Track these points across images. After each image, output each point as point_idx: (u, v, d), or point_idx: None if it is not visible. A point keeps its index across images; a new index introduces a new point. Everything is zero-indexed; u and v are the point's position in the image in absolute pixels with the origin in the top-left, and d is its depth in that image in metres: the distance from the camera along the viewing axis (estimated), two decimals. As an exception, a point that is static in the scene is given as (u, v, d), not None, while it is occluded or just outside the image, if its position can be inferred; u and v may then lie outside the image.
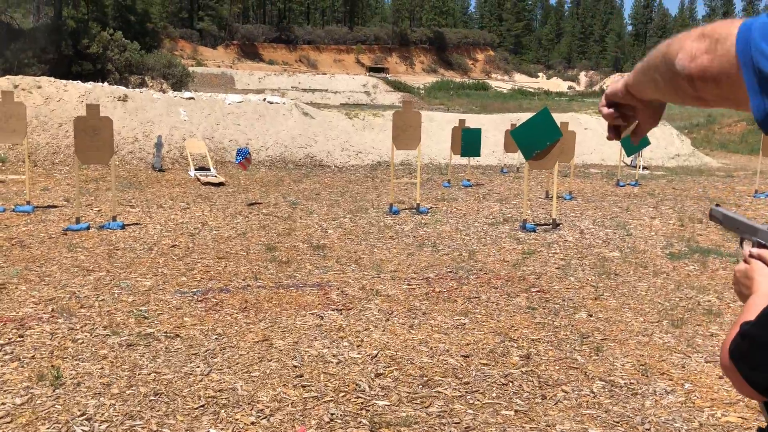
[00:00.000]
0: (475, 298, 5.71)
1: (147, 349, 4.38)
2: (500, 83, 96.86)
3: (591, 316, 5.26)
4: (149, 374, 3.97)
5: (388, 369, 4.10)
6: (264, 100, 18.13)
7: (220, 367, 4.10)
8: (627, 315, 5.30)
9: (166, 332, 4.71)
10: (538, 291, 5.96)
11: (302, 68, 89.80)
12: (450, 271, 6.63)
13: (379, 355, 4.33)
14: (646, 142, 14.53)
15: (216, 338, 4.61)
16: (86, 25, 34.74)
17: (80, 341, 4.49)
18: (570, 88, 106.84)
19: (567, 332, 4.85)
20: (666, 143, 21.81)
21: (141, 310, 5.17)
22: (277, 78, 70.24)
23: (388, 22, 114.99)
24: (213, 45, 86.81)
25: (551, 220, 9.29)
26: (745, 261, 1.25)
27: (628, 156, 16.72)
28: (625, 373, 4.09)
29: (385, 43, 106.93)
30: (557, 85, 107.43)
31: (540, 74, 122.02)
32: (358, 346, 4.49)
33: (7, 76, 16.38)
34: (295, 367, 4.11)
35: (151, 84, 29.31)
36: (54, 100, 15.05)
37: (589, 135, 21.24)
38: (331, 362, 4.20)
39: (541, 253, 7.55)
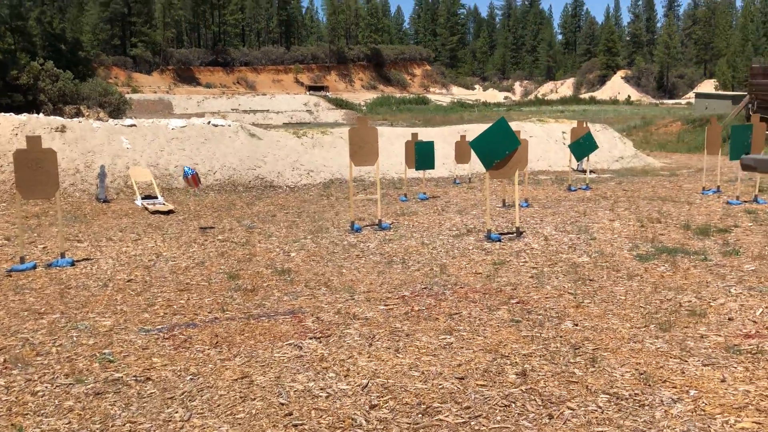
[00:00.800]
0: (456, 314, 5.52)
1: (117, 396, 4.03)
2: (439, 96, 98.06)
3: (577, 325, 5.13)
4: (124, 425, 3.63)
5: (382, 399, 3.86)
6: (209, 123, 17.69)
7: (200, 411, 3.79)
8: (613, 321, 5.19)
9: (135, 376, 4.36)
10: (517, 302, 5.81)
11: (241, 90, 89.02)
12: (425, 288, 6.43)
13: (369, 384, 4.09)
14: (594, 146, 14.70)
15: (191, 378, 4.29)
16: (14, 56, 33.52)
17: (41, 394, 4.11)
18: (506, 98, 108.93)
19: (557, 344, 4.70)
20: (609, 146, 22.22)
21: (105, 354, 4.80)
22: (216, 101, 69.37)
23: (325, 41, 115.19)
24: (148, 71, 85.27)
25: (514, 229, 9.21)
26: None
27: (578, 161, 16.91)
28: (627, 384, 3.95)
29: (323, 62, 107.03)
30: (494, 95, 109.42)
31: (476, 86, 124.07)
32: (345, 376, 4.23)
33: (-66, 112, 15.54)
34: (282, 404, 3.83)
35: (87, 113, 28.40)
36: (-14, 135, 14.32)
37: (534, 142, 21.46)
38: (320, 396, 3.93)
39: (512, 263, 7.43)
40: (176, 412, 3.77)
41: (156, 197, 13.44)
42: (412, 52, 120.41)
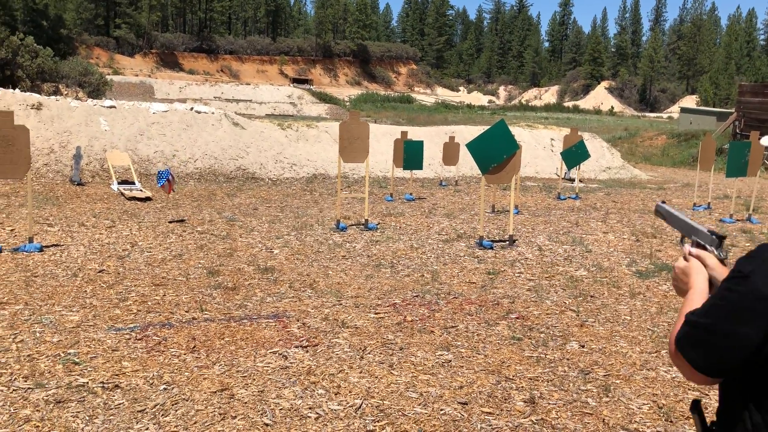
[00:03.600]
0: (452, 327, 5.16)
1: (81, 406, 3.60)
2: (423, 96, 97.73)
3: (583, 346, 4.79)
4: (86, 442, 3.22)
5: (377, 424, 3.47)
6: (191, 109, 17.16)
7: (174, 428, 3.38)
8: (621, 345, 4.85)
9: (102, 382, 3.93)
10: (517, 318, 5.46)
11: (224, 78, 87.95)
12: (416, 296, 6.06)
13: (363, 405, 3.70)
14: (586, 155, 14.45)
15: (164, 388, 3.87)
16: (-7, 29, 32.51)
17: (-5, 398, 3.67)
18: (490, 101, 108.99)
19: (565, 367, 4.36)
20: (597, 156, 22.03)
21: (70, 354, 4.36)
22: (199, 88, 68.42)
23: (312, 33, 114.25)
24: (130, 53, 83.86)
25: (507, 237, 8.88)
26: (685, 259, 1.48)
27: (570, 169, 16.65)
28: (646, 419, 3.61)
29: (308, 55, 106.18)
30: (478, 98, 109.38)
31: (461, 88, 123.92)
32: (336, 394, 3.85)
33: None
34: (267, 425, 3.43)
35: (66, 92, 27.60)
36: (-43, 108, 13.68)
37: (523, 148, 21.20)
38: (309, 417, 3.54)
39: (507, 273, 7.09)
40: (147, 429, 3.36)
41: (133, 183, 12.92)
42: (398, 50, 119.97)
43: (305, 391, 3.88)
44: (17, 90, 16.71)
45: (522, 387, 4.02)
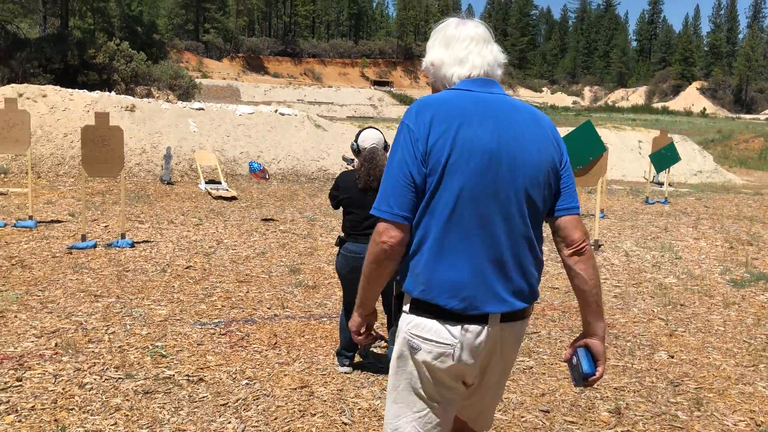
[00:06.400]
0: (535, 333, 5.04)
1: (167, 398, 3.71)
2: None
3: (673, 357, 4.59)
4: (172, 432, 3.31)
5: (457, 428, 3.42)
6: (276, 111, 17.54)
7: (255, 423, 3.43)
8: (714, 357, 4.62)
9: (188, 375, 4.04)
10: (601, 325, 5.28)
11: (307, 81, 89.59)
12: (497, 300, 5.96)
13: (442, 408, 3.66)
14: (677, 158, 13.89)
15: (246, 383, 3.94)
16: (92, 35, 34.28)
17: (88, 387, 3.83)
18: (575, 103, 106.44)
19: (653, 378, 4.18)
20: (688, 159, 21.16)
21: (157, 346, 4.51)
22: (283, 91, 69.93)
23: (393, 36, 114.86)
24: (218, 57, 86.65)
25: (593, 241, 8.63)
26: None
27: (658, 172, 16.06)
28: (742, 436, 3.42)
29: (389, 57, 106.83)
30: (562, 99, 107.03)
31: (544, 89, 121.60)
32: (415, 396, 3.81)
33: (12, 85, 15.81)
34: (345, 424, 3.44)
35: (158, 95, 28.77)
36: (59, 110, 14.46)
37: (609, 149, 20.60)
38: (388, 418, 3.52)
39: (591, 279, 6.87)
40: (229, 422, 3.42)
41: (220, 182, 13.29)
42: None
43: (383, 391, 3.86)
44: (113, 92, 17.51)
45: (607, 397, 3.88)
